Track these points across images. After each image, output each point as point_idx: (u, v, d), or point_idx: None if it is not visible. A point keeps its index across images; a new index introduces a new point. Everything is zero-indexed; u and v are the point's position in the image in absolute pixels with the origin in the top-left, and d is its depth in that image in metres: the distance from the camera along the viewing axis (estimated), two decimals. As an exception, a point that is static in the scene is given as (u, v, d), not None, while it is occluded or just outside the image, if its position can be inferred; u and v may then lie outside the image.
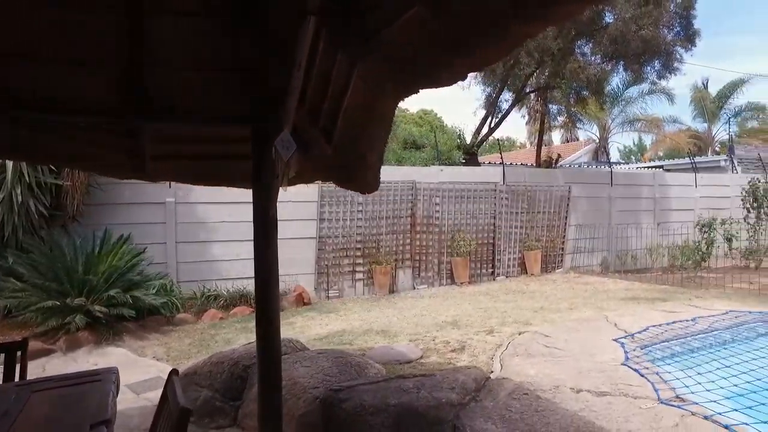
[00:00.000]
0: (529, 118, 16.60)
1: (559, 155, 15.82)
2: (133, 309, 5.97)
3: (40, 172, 6.17)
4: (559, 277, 10.11)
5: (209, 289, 7.54)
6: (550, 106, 13.56)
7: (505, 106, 12.99)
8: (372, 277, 8.95)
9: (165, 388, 1.95)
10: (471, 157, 12.31)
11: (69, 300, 5.57)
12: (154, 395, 3.81)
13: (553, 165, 13.20)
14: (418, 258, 9.45)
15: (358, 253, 8.94)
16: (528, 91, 12.70)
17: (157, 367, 4.89)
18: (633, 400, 3.41)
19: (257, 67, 2.20)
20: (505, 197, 10.20)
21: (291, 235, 8.11)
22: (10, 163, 5.95)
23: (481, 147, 13.80)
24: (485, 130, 12.76)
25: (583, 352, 4.56)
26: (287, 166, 2.46)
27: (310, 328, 6.38)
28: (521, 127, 37.01)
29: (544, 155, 13.73)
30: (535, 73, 11.60)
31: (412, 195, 9.35)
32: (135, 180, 4.84)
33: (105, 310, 5.69)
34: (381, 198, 9.04)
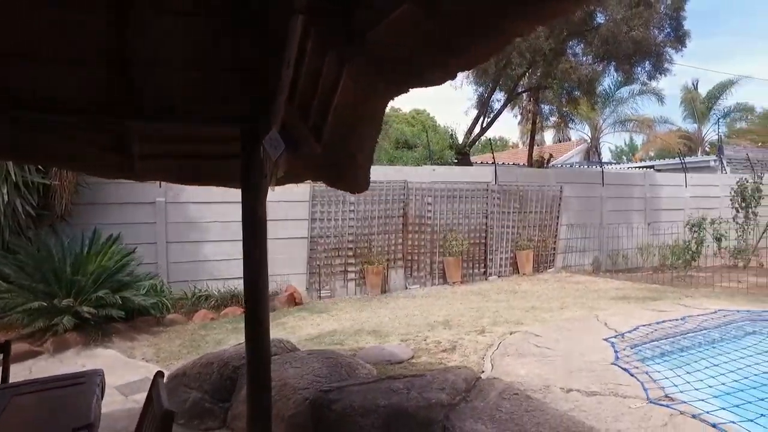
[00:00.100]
0: (521, 118, 16.67)
1: (551, 155, 15.93)
2: (123, 310, 5.91)
3: (27, 171, 6.08)
4: (551, 276, 10.15)
5: (200, 290, 7.49)
6: (542, 106, 13.64)
7: (497, 105, 13.08)
8: (364, 277, 8.93)
9: (150, 390, 1.93)
10: (463, 156, 12.34)
11: (57, 301, 5.50)
12: (142, 397, 3.72)
13: (545, 165, 13.27)
14: (410, 258, 9.44)
15: (350, 253, 8.91)
16: (520, 91, 12.77)
17: (146, 368, 4.84)
18: (623, 400, 3.43)
19: (250, 67, 2.19)
20: (497, 197, 10.21)
21: (282, 235, 8.08)
22: (-5, 163, 5.87)
23: (474, 147, 13.84)
24: (477, 129, 12.80)
25: (574, 351, 4.57)
26: (276, 166, 2.43)
27: (301, 328, 6.35)
28: (513, 127, 37.23)
29: (536, 155, 13.79)
30: (527, 73, 11.67)
31: (404, 195, 9.34)
32: (124, 180, 4.78)
33: (94, 311, 5.62)
34: (373, 198, 9.02)
